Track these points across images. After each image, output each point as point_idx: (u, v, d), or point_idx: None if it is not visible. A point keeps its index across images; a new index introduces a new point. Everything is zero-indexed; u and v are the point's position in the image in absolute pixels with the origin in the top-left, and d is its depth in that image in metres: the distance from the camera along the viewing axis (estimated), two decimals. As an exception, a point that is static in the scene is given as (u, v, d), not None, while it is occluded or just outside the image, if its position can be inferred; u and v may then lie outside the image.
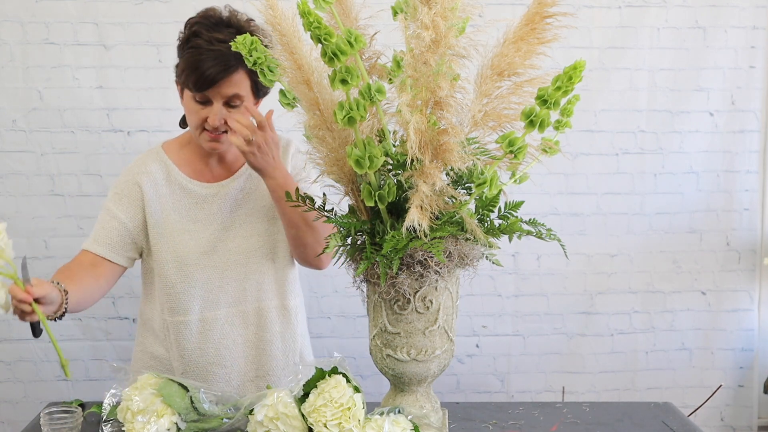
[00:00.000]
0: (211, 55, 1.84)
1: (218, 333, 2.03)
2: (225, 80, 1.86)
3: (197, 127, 1.93)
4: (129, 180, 2.03)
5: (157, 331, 2.06)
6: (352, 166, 1.42)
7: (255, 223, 2.03)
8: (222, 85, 1.86)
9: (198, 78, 1.85)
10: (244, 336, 2.04)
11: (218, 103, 1.89)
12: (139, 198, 2.00)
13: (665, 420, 1.84)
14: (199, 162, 2.05)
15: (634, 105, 3.15)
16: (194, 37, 1.88)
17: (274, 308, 2.06)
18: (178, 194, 2.02)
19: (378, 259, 1.45)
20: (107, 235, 2.00)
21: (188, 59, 1.86)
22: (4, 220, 3.02)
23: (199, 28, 1.88)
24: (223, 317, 2.02)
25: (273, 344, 2.06)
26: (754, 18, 3.12)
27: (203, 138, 1.94)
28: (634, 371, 3.29)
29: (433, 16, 1.35)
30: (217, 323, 2.02)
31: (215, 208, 2.02)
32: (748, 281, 3.26)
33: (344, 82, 1.35)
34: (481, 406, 1.92)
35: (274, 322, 2.06)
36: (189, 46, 1.88)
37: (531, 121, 1.42)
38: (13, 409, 3.14)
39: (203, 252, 2.00)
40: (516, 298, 3.23)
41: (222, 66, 1.84)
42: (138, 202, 2.00)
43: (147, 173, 2.02)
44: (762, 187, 3.22)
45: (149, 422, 1.62)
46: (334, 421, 1.51)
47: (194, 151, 2.05)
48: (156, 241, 2.01)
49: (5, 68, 2.97)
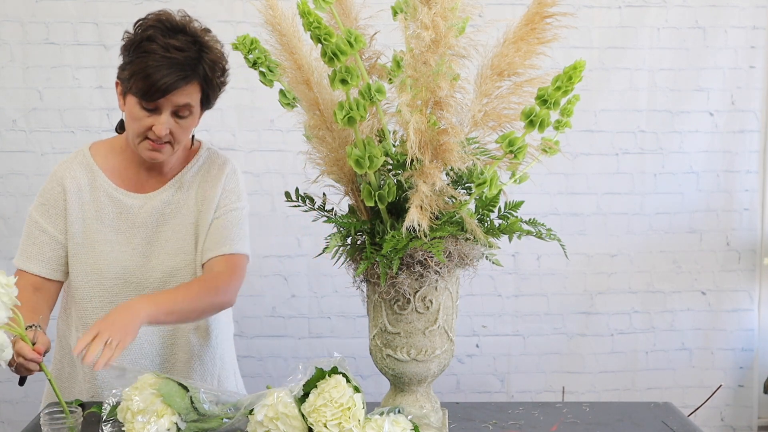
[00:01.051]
0: (166, 63, 1.73)
1: (135, 354, 1.90)
2: (178, 91, 1.75)
3: (138, 135, 1.80)
4: (54, 187, 1.90)
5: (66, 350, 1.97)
6: (352, 166, 1.42)
7: (181, 240, 1.91)
8: (175, 95, 1.75)
9: (150, 86, 1.73)
10: (161, 356, 1.93)
11: (166, 112, 1.77)
12: (63, 206, 1.89)
13: (665, 420, 1.83)
14: (129, 170, 1.92)
15: (634, 105, 3.16)
16: (148, 42, 1.75)
17: (192, 329, 1.95)
18: (102, 202, 1.89)
19: (378, 259, 1.45)
20: (40, 252, 1.89)
21: (140, 65, 1.74)
22: (4, 220, 3.04)
23: (155, 32, 1.76)
24: (142, 337, 1.88)
25: (190, 365, 1.94)
26: (754, 18, 3.12)
27: (143, 147, 1.81)
28: (634, 371, 3.29)
29: (433, 16, 1.35)
30: (134, 344, 1.87)
31: (140, 220, 1.90)
32: (748, 281, 3.26)
33: (344, 82, 1.35)
34: (481, 406, 1.92)
35: (193, 344, 1.95)
36: (141, 50, 1.75)
37: (531, 121, 1.42)
38: (13, 409, 3.14)
39: (123, 267, 1.88)
40: (516, 298, 3.23)
41: (178, 75, 1.73)
42: (63, 211, 1.89)
43: (72, 178, 1.90)
44: (762, 187, 3.22)
45: (149, 422, 1.62)
46: (334, 421, 1.51)
47: (127, 159, 1.92)
48: (75, 251, 1.89)
49: (5, 68, 2.97)
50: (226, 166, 1.95)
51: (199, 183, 1.94)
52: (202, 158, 1.96)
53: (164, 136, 1.79)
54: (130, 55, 1.78)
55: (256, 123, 3.09)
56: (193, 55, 1.77)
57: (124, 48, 1.81)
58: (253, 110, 3.07)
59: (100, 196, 1.90)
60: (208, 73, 1.80)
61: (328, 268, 2.03)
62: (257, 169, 3.09)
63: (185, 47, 1.76)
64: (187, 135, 1.86)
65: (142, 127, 1.79)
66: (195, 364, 1.97)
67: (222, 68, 1.85)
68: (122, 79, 1.81)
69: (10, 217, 3.04)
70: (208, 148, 1.99)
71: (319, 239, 1.68)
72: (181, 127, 1.81)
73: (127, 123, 1.83)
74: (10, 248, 3.04)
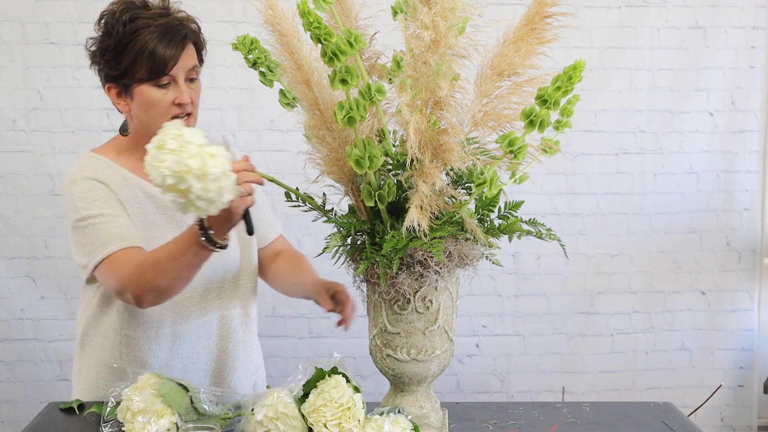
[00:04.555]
0: (160, 32, 1.71)
1: (186, 347, 1.87)
2: (184, 53, 1.73)
3: (166, 116, 1.72)
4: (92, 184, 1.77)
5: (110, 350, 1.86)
6: (352, 166, 1.42)
7: None
8: (183, 58, 1.73)
9: (159, 59, 1.70)
10: (206, 348, 1.89)
11: (181, 79, 1.75)
12: (114, 196, 1.78)
13: (665, 420, 1.83)
14: None
15: (634, 105, 3.16)
16: (132, 22, 1.71)
17: (237, 316, 1.92)
18: (139, 198, 1.81)
19: (378, 259, 1.45)
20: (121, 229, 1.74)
21: (138, 45, 1.70)
22: (4, 220, 3.04)
23: (133, 12, 1.73)
24: (192, 329, 1.86)
25: (235, 355, 1.92)
26: (754, 18, 3.12)
27: None
28: (634, 371, 3.29)
29: (433, 16, 1.35)
30: (187, 336, 1.86)
31: (177, 214, 1.82)
32: (748, 281, 3.26)
33: (344, 82, 1.35)
34: (481, 406, 1.92)
35: (237, 331, 1.92)
36: (131, 32, 1.70)
37: (531, 121, 1.42)
38: (13, 409, 3.14)
39: None
40: (516, 298, 3.23)
41: (177, 38, 1.72)
42: (117, 201, 1.78)
43: (101, 173, 1.79)
44: (762, 187, 3.22)
45: (149, 422, 1.62)
46: (334, 421, 1.51)
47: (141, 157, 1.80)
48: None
49: (5, 68, 2.97)
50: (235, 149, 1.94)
51: None
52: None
53: (188, 104, 1.75)
54: (119, 45, 1.73)
55: (256, 123, 3.09)
56: (175, 20, 1.77)
57: (104, 46, 1.76)
58: (253, 110, 3.07)
59: (137, 193, 1.82)
60: (194, 31, 1.81)
61: (329, 268, 2.03)
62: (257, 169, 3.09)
63: (168, 11, 1.77)
64: (199, 101, 1.83)
65: (165, 106, 1.74)
66: (240, 353, 1.94)
67: (198, 25, 1.85)
68: (116, 76, 1.76)
69: (10, 217, 3.04)
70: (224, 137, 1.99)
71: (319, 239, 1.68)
72: (195, 92, 1.79)
73: (150, 112, 1.76)
74: (10, 248, 3.05)
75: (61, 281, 3.07)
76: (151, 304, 1.73)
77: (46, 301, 3.09)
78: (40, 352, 3.12)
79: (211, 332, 1.89)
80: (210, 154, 1.38)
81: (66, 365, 3.13)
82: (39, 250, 3.06)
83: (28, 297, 3.08)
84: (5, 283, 3.06)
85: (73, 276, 3.07)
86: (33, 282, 3.08)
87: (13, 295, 3.08)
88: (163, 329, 1.84)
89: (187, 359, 1.87)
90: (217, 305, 1.89)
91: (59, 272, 3.07)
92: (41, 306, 3.09)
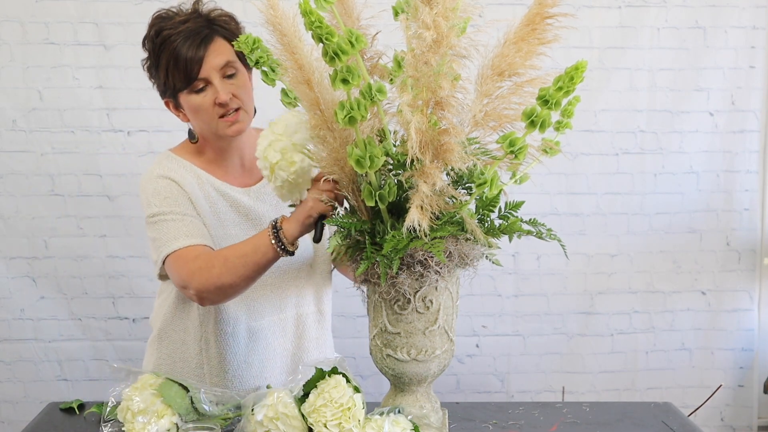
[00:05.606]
0: (183, 37, 1.75)
1: (263, 344, 1.90)
2: (209, 52, 1.76)
3: (212, 118, 1.78)
4: (167, 183, 1.83)
5: (192, 346, 1.91)
6: (352, 165, 1.42)
7: None
8: (209, 58, 1.76)
9: (185, 65, 1.74)
10: (282, 345, 1.93)
11: (216, 78, 1.77)
12: (186, 196, 1.83)
13: (665, 420, 1.84)
14: (224, 167, 1.90)
15: (634, 105, 3.16)
16: (159, 35, 1.77)
17: (311, 314, 1.96)
18: (212, 196, 1.86)
19: (378, 259, 1.45)
20: (191, 228, 1.79)
21: (167, 56, 1.76)
22: (4, 220, 3.04)
23: (160, 24, 1.79)
24: (267, 326, 1.90)
25: (309, 352, 1.95)
26: (754, 18, 3.12)
27: (223, 127, 1.79)
28: (634, 371, 3.29)
29: (435, 17, 1.35)
30: (262, 333, 1.90)
31: (253, 213, 1.88)
32: (748, 281, 3.26)
33: (345, 81, 1.35)
34: (481, 406, 1.92)
35: (311, 329, 1.96)
36: (160, 44, 1.77)
37: (532, 122, 1.42)
38: (13, 409, 3.14)
39: None
40: (516, 298, 3.23)
41: (198, 39, 1.75)
42: (189, 201, 1.83)
43: (175, 172, 1.85)
44: (762, 187, 3.22)
45: (149, 423, 1.62)
46: (334, 421, 1.51)
47: (216, 158, 1.89)
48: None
49: (5, 68, 2.97)
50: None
51: None
52: None
53: (229, 101, 1.77)
54: (155, 61, 1.80)
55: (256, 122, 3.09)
56: (201, 20, 1.79)
57: (148, 66, 1.83)
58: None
59: (211, 193, 1.86)
60: (225, 26, 1.82)
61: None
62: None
63: (190, 18, 1.79)
64: (249, 96, 1.84)
65: (209, 108, 1.78)
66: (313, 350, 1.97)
67: (234, 20, 1.86)
68: (166, 90, 1.81)
69: (10, 217, 3.04)
70: None
71: (320, 239, 1.68)
72: (238, 87, 1.80)
73: (199, 118, 1.81)
74: (10, 248, 3.05)
75: (61, 281, 3.08)
76: (212, 302, 1.77)
77: (46, 301, 3.09)
78: (40, 352, 3.12)
79: (286, 329, 1.93)
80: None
81: (66, 365, 3.13)
82: (39, 250, 3.06)
83: (28, 297, 3.08)
84: (5, 283, 3.06)
85: (73, 276, 3.08)
86: (33, 282, 3.08)
87: (13, 295, 3.07)
88: (239, 326, 1.88)
89: (264, 356, 1.91)
90: (292, 303, 1.93)
91: (59, 272, 3.07)
92: (41, 306, 3.09)
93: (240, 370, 1.90)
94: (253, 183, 1.92)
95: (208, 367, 1.90)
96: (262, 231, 1.67)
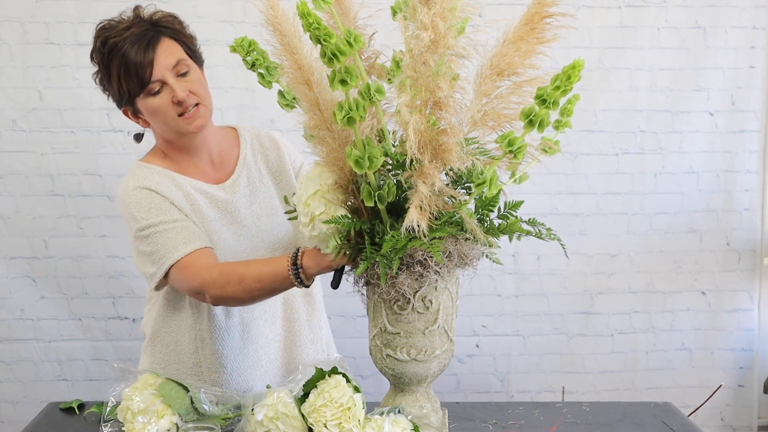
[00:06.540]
0: (129, 42, 1.75)
1: (255, 333, 1.94)
2: (159, 53, 1.76)
3: (172, 117, 1.79)
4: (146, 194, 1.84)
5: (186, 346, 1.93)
6: (351, 166, 1.42)
7: (272, 215, 1.94)
8: (159, 59, 1.76)
9: (135, 69, 1.75)
10: (274, 332, 1.97)
11: (170, 78, 1.77)
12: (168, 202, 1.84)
13: (665, 420, 1.84)
14: (196, 167, 1.92)
15: (634, 105, 3.16)
16: (105, 45, 1.79)
17: (299, 296, 1.99)
18: (191, 195, 1.88)
19: (378, 259, 1.45)
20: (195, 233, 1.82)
21: (116, 63, 1.77)
22: (4, 220, 3.04)
23: (105, 35, 1.80)
24: (259, 315, 1.94)
25: (301, 334, 2.00)
26: (754, 18, 3.12)
27: (183, 125, 1.80)
28: (634, 371, 3.29)
29: (433, 17, 1.35)
30: (255, 323, 1.94)
31: (231, 207, 1.91)
32: (748, 281, 3.26)
33: (344, 82, 1.35)
34: (481, 406, 1.92)
35: (300, 311, 1.99)
36: (108, 53, 1.78)
37: (530, 121, 1.42)
38: (13, 409, 3.14)
39: (234, 252, 1.88)
40: (516, 298, 3.23)
41: (145, 41, 1.76)
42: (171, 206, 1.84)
43: (153, 182, 1.85)
44: (762, 187, 3.22)
45: (149, 423, 1.62)
46: (334, 421, 1.51)
47: (185, 159, 1.91)
48: None
49: (5, 68, 2.97)
50: (270, 132, 2.02)
51: (261, 157, 1.98)
52: (247, 136, 2.00)
53: (187, 97, 1.78)
54: (105, 71, 1.81)
55: (255, 123, 3.09)
56: (145, 24, 1.80)
57: (99, 78, 1.85)
58: (254, 110, 3.07)
59: (189, 192, 1.88)
60: (169, 26, 1.83)
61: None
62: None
63: (134, 23, 1.80)
64: (205, 90, 1.85)
65: (168, 108, 1.79)
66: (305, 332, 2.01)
67: (178, 20, 1.87)
68: (122, 98, 1.83)
69: (10, 217, 3.04)
70: (242, 127, 2.02)
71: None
72: (193, 83, 1.81)
73: (159, 120, 1.82)
74: (10, 248, 3.05)
75: (61, 281, 3.08)
76: (226, 306, 1.87)
77: (46, 301, 3.09)
78: (40, 352, 3.12)
79: (276, 316, 1.97)
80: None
81: (66, 365, 3.13)
82: (39, 250, 3.06)
83: (28, 297, 3.08)
84: (5, 283, 3.06)
85: (73, 276, 3.08)
86: (33, 282, 3.08)
87: (13, 295, 3.08)
88: (232, 320, 1.92)
89: (258, 344, 1.95)
90: None
91: (59, 272, 3.07)
92: (41, 306, 3.09)
93: (237, 363, 1.93)
94: (226, 178, 1.94)
95: (205, 365, 1.92)
96: (280, 259, 1.68)
